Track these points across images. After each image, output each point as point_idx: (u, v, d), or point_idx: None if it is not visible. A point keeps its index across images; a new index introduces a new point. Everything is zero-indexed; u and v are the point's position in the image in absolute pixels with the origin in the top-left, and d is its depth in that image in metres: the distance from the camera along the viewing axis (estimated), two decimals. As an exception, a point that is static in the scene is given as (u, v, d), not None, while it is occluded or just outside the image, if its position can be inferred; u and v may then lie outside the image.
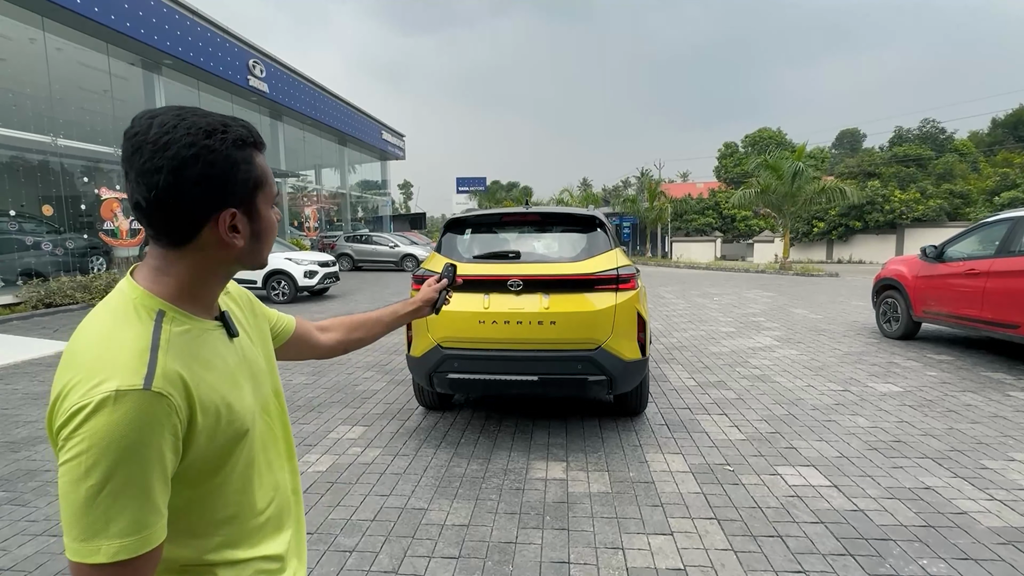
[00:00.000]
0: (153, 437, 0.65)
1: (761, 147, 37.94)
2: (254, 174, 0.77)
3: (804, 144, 20.09)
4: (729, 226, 36.93)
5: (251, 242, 0.79)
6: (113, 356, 0.66)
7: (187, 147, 0.70)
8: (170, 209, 0.71)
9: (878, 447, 3.62)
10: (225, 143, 0.73)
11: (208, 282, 0.80)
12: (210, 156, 0.71)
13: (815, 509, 2.85)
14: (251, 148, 0.77)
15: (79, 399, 0.63)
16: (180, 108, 0.74)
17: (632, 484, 3.17)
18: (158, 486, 0.66)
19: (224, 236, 0.75)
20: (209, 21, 15.14)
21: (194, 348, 0.74)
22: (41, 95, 12.35)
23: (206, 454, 0.73)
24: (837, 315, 9.08)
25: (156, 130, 0.70)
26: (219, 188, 0.73)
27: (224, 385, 0.77)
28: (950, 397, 4.63)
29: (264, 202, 0.80)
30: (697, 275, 18.45)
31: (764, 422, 4.13)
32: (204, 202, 0.73)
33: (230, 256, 0.78)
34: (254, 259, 0.82)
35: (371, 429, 4.12)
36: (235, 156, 0.74)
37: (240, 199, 0.76)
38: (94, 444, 0.62)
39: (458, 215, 4.14)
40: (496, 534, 2.68)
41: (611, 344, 3.53)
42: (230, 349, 0.82)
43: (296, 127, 22.34)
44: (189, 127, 0.71)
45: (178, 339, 0.73)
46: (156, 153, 0.69)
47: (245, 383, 0.83)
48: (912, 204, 27.67)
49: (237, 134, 0.75)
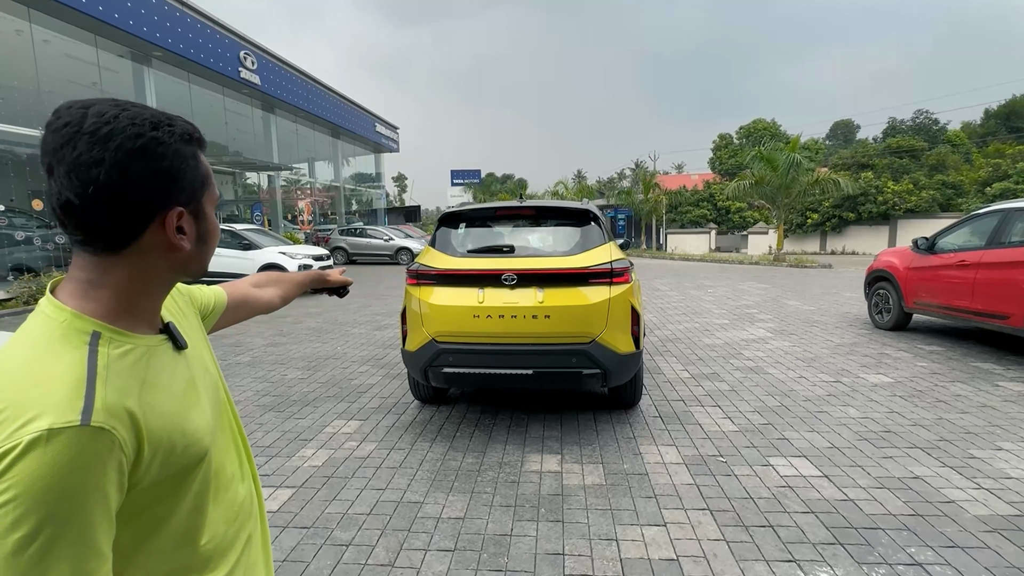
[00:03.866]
0: (94, 477, 0.57)
1: (756, 139, 37.96)
2: (201, 171, 0.73)
3: (798, 136, 20.14)
4: (724, 218, 37.01)
5: (197, 245, 0.74)
6: (43, 390, 0.58)
7: (133, 138, 0.63)
8: (109, 207, 0.63)
9: (868, 437, 3.67)
10: (173, 136, 0.68)
11: (150, 292, 0.72)
12: (159, 148, 0.66)
13: (806, 499, 2.89)
14: (196, 144, 0.72)
15: (3, 441, 0.55)
16: (116, 99, 0.67)
17: (626, 476, 3.20)
18: (101, 529, 0.59)
19: (171, 238, 0.69)
20: (199, 12, 14.94)
21: (139, 371, 0.67)
22: (29, 88, 12.18)
23: (157, 484, 0.66)
24: (830, 306, 9.15)
25: (93, 120, 0.63)
26: (167, 184, 0.67)
27: (177, 407, 0.70)
28: (940, 387, 4.68)
29: (209, 203, 0.75)
30: (692, 267, 18.52)
31: (757, 413, 4.17)
32: (149, 199, 0.66)
33: (175, 261, 0.72)
34: (198, 265, 0.76)
35: (367, 423, 4.13)
36: (184, 151, 0.69)
37: (188, 197, 0.71)
38: (24, 491, 0.54)
39: (452, 209, 4.13)
40: (491, 527, 2.71)
41: (605, 337, 3.55)
42: (180, 364, 0.75)
43: (289, 120, 22.15)
44: (133, 117, 0.65)
45: (118, 363, 0.65)
46: (95, 145, 0.62)
47: (202, 397, 0.77)
48: (905, 195, 27.80)
49: (184, 128, 0.70)
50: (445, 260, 3.78)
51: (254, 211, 20.12)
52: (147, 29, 12.99)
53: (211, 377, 0.85)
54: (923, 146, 33.55)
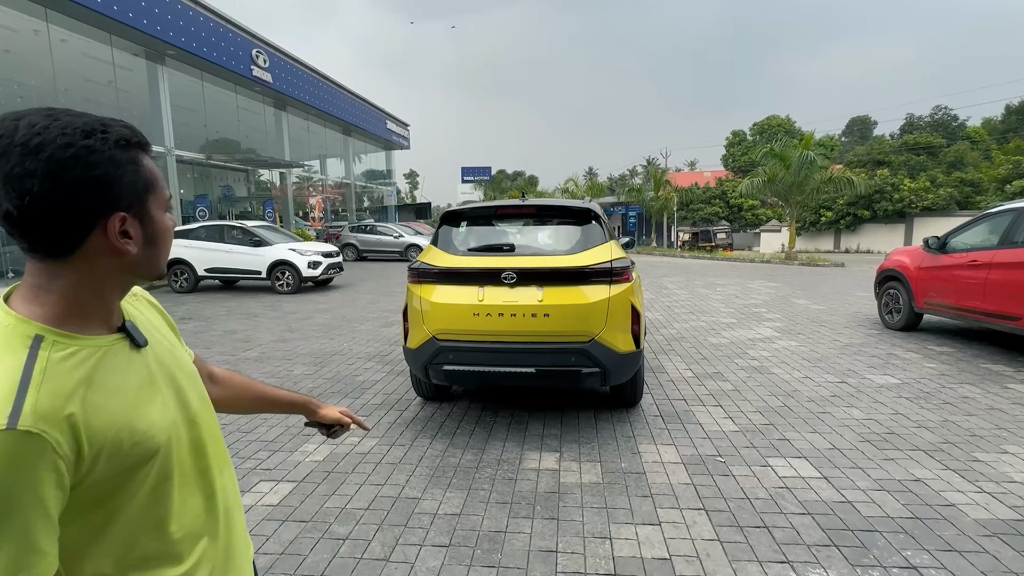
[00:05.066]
0: (25, 480, 0.59)
1: (769, 135, 37.53)
2: (143, 175, 0.72)
3: (812, 132, 19.89)
4: (736, 215, 36.71)
5: (145, 248, 0.74)
6: None
7: (63, 148, 0.64)
8: (48, 217, 0.65)
9: (871, 439, 3.64)
10: (107, 143, 0.68)
11: (101, 295, 0.73)
12: (91, 157, 0.66)
13: (803, 500, 2.88)
14: (136, 149, 0.72)
15: None
16: (50, 109, 0.68)
17: (623, 475, 3.21)
18: (38, 527, 0.61)
19: (115, 242, 0.69)
20: (211, 11, 15.12)
21: (83, 372, 0.68)
22: (46, 87, 12.43)
23: (106, 479, 0.68)
24: (840, 306, 9.04)
25: (24, 132, 0.64)
26: (103, 191, 0.67)
27: (126, 406, 0.71)
28: (947, 389, 4.62)
29: (156, 206, 0.75)
30: (702, 265, 18.39)
31: (759, 413, 4.15)
32: (87, 207, 0.67)
33: (124, 264, 0.73)
34: (150, 267, 0.77)
35: (369, 420, 4.17)
36: (119, 157, 0.69)
37: (129, 202, 0.70)
38: None
39: (454, 208, 4.16)
40: (487, 523, 2.73)
41: (605, 336, 3.56)
42: (136, 361, 0.76)
43: (300, 117, 22.35)
44: (64, 127, 0.65)
45: (59, 366, 0.66)
46: (26, 156, 0.63)
47: (161, 393, 0.78)
48: (922, 193, 27.35)
49: (119, 134, 0.69)
50: (446, 258, 3.81)
51: (266, 208, 20.34)
52: (161, 28, 13.18)
53: (188, 374, 0.86)
54: (941, 143, 32.94)
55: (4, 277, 10.99)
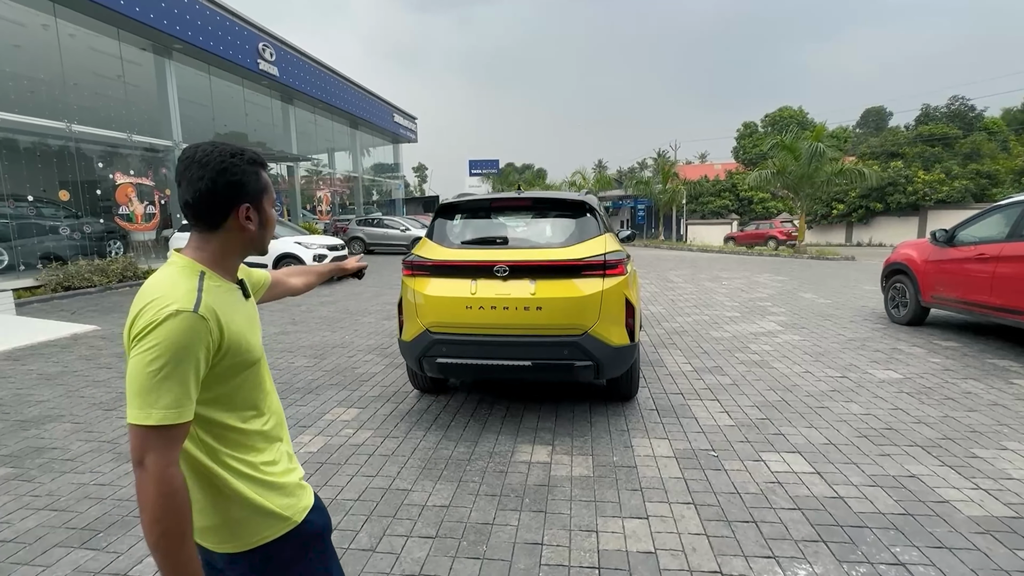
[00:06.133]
0: (196, 345, 0.98)
1: (781, 127, 36.96)
2: (262, 182, 1.15)
3: (823, 124, 19.58)
4: (746, 208, 36.29)
5: (259, 229, 1.16)
6: (175, 292, 1.00)
7: (220, 163, 1.08)
8: (208, 203, 1.08)
9: (868, 434, 3.60)
10: (243, 160, 1.11)
11: (230, 256, 1.15)
12: (234, 169, 1.09)
13: (794, 495, 2.86)
14: (259, 165, 1.15)
15: (155, 313, 0.97)
16: (214, 141, 1.12)
17: (614, 468, 3.20)
18: (192, 381, 0.98)
19: (242, 223, 1.12)
20: (218, 4, 15.15)
21: (222, 296, 1.08)
22: (55, 81, 12.54)
23: (233, 365, 1.08)
24: (847, 300, 8.93)
25: (200, 154, 1.08)
26: (239, 189, 1.10)
27: (242, 325, 1.11)
28: (950, 384, 4.55)
29: (268, 203, 1.17)
30: (710, 258, 18.24)
31: (755, 408, 4.12)
32: (229, 198, 1.09)
33: (245, 239, 1.14)
34: (261, 243, 1.19)
35: (365, 411, 4.21)
36: (249, 169, 1.12)
37: (252, 198, 1.12)
38: (159, 342, 0.95)
39: (449, 200, 4.14)
40: (475, 515, 2.74)
41: (598, 330, 3.54)
42: (246, 305, 1.18)
43: (307, 110, 22.38)
44: (222, 151, 1.09)
45: (212, 289, 1.06)
46: (201, 168, 1.07)
47: (257, 328, 1.21)
48: (936, 185, 26.86)
49: (251, 156, 1.14)
50: (439, 251, 3.80)
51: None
52: (167, 22, 13.24)
53: (259, 328, 1.26)
54: (957, 134, 32.26)
55: (16, 269, 11.16)
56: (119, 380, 5.15)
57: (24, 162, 12.25)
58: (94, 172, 13.05)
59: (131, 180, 13.31)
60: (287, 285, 1.66)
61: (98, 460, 3.46)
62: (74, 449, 3.63)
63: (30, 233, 11.60)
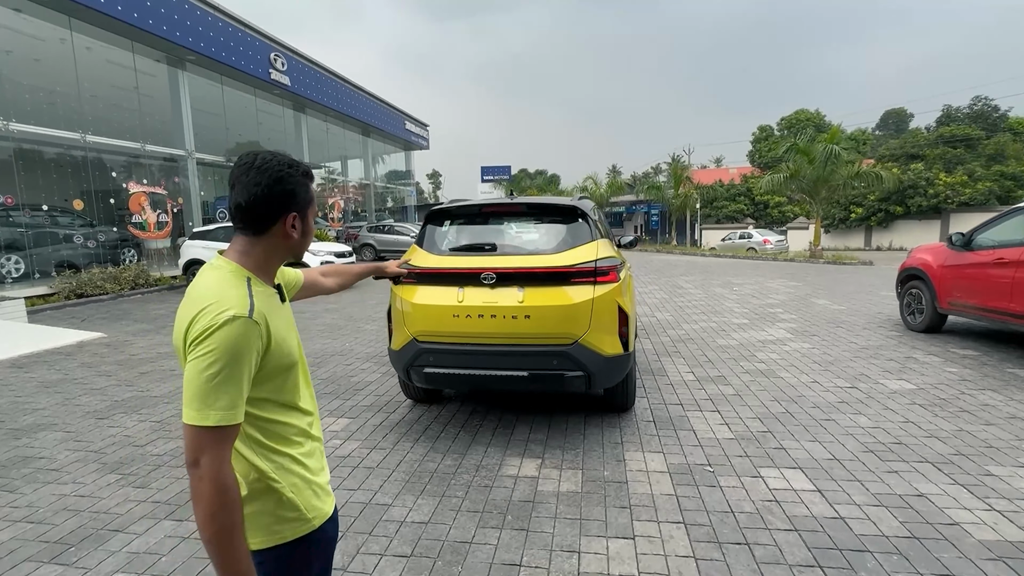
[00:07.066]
0: (250, 349, 1.02)
1: (798, 130, 36.41)
2: (310, 194, 1.19)
3: (839, 126, 19.22)
4: (762, 212, 35.76)
5: (302, 237, 1.19)
6: (229, 297, 1.03)
7: (276, 172, 1.11)
8: (259, 208, 1.11)
9: (875, 449, 3.41)
10: (298, 172, 1.15)
11: (272, 262, 1.18)
12: (288, 179, 1.13)
13: (792, 515, 2.70)
14: (309, 178, 1.19)
15: (213, 318, 0.99)
16: (272, 151, 1.16)
17: (604, 484, 3.07)
18: (246, 383, 1.03)
19: (288, 230, 1.15)
20: (230, 16, 15.39)
21: (266, 302, 1.11)
22: (71, 93, 12.82)
23: (277, 367, 1.12)
24: (861, 306, 8.66)
25: (258, 160, 1.11)
26: (290, 198, 1.14)
27: (283, 330, 1.15)
28: (966, 396, 4.33)
29: (311, 214, 1.22)
30: (722, 263, 17.94)
31: (757, 420, 3.95)
32: (280, 205, 1.12)
33: (287, 245, 1.17)
34: (300, 250, 1.22)
35: (355, 421, 4.13)
36: (301, 181, 1.16)
37: (300, 207, 1.16)
38: (218, 347, 0.98)
39: (439, 206, 4.07)
40: (453, 533, 2.64)
41: (589, 339, 3.42)
42: (284, 308, 1.22)
43: (319, 119, 22.62)
44: (279, 161, 1.13)
45: (259, 295, 1.09)
46: (258, 173, 1.10)
47: (294, 331, 1.24)
48: (959, 187, 26.14)
49: (304, 168, 1.18)
50: (427, 258, 3.72)
51: (286, 209, 20.62)
52: (180, 34, 13.47)
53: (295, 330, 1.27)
54: (980, 135, 31.43)
55: (31, 277, 11.38)
56: (116, 388, 5.16)
57: (40, 172, 12.52)
58: (108, 181, 13.30)
59: (144, 189, 13.53)
60: (320, 285, 1.71)
61: (83, 471, 3.43)
62: (61, 459, 3.61)
63: (45, 242, 11.83)
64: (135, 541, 2.64)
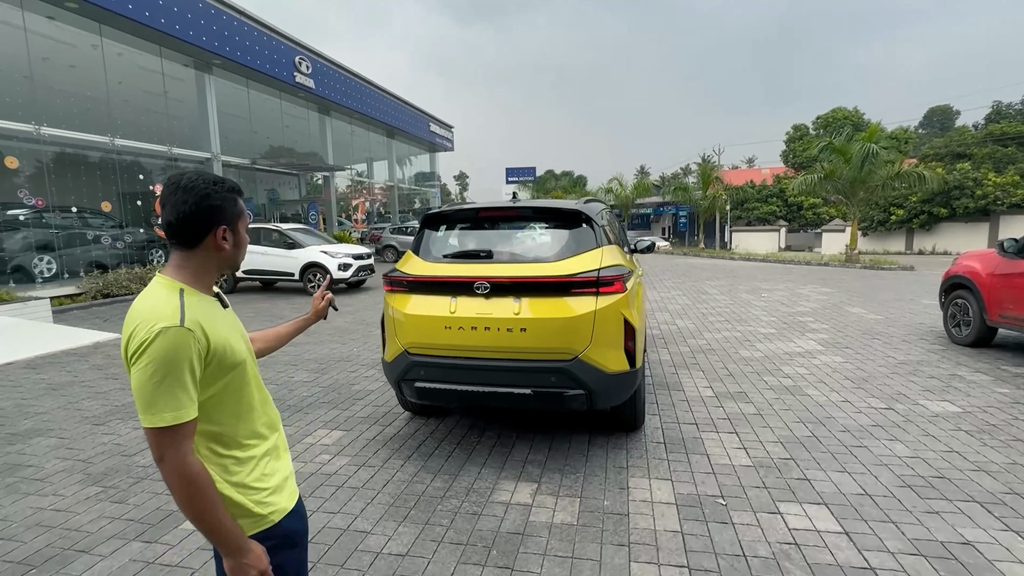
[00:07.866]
0: (186, 353, 1.09)
1: (834, 129, 35.05)
2: (238, 208, 1.26)
3: (877, 124, 18.30)
4: (795, 214, 34.55)
5: (233, 248, 1.26)
6: (160, 311, 1.10)
7: (203, 189, 1.19)
8: (189, 225, 1.18)
9: (913, 484, 3.04)
10: (223, 188, 1.23)
11: (208, 273, 1.25)
12: (216, 195, 1.20)
13: (813, 563, 2.37)
14: (236, 193, 1.26)
15: (145, 333, 1.07)
16: (198, 170, 1.24)
17: (603, 515, 2.80)
18: (191, 383, 1.10)
19: (219, 242, 1.22)
20: (256, 20, 15.60)
21: (203, 308, 1.17)
22: (101, 97, 13.15)
23: (219, 367, 1.18)
24: (900, 316, 8.09)
25: (184, 180, 1.19)
26: (217, 213, 1.21)
27: (225, 333, 1.20)
28: (1020, 422, 3.88)
29: (242, 226, 1.28)
30: (752, 268, 17.28)
31: (779, 444, 3.60)
32: (208, 221, 1.20)
33: (221, 257, 1.24)
34: (234, 261, 1.29)
35: (349, 434, 3.95)
36: (227, 196, 1.23)
37: (228, 220, 1.23)
38: (154, 357, 1.06)
39: (434, 210, 3.85)
40: (431, 569, 2.41)
41: (590, 354, 3.15)
42: (225, 314, 1.27)
43: (344, 121, 22.81)
44: (205, 179, 1.20)
45: (193, 303, 1.15)
46: (185, 192, 1.17)
47: (239, 334, 1.29)
48: (1009, 188, 24.61)
49: (231, 185, 1.26)
50: (420, 266, 3.51)
51: (310, 210, 20.88)
52: (207, 39, 13.70)
53: (244, 334, 1.34)
54: (1034, 132, 29.61)
55: (61, 277, 11.68)
56: (120, 392, 5.12)
57: (70, 175, 12.88)
58: (136, 184, 13.60)
59: (171, 191, 13.79)
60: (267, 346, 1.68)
61: (66, 482, 3.33)
62: (48, 468, 3.53)
63: (75, 243, 12.15)
64: (98, 564, 2.50)
